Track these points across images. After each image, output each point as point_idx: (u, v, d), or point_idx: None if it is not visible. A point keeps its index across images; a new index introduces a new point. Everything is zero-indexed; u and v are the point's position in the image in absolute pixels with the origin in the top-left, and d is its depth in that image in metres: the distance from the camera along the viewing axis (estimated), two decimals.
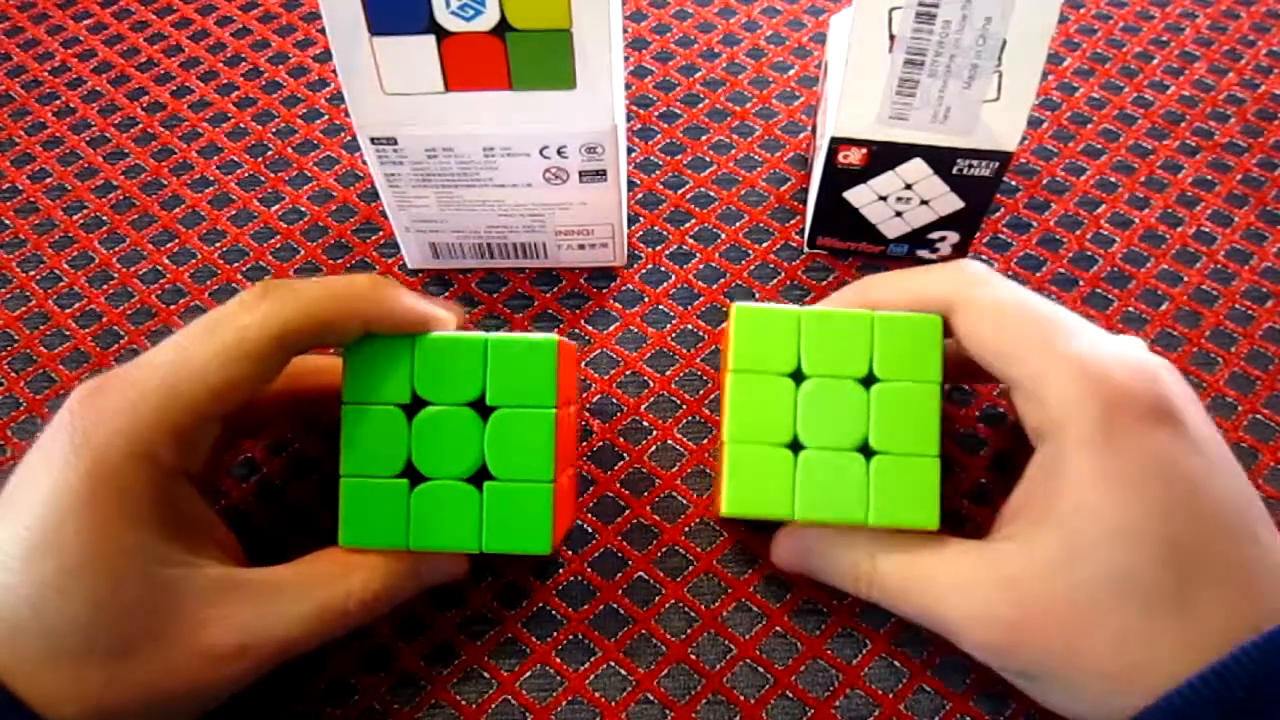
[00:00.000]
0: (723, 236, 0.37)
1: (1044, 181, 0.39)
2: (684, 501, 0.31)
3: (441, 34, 0.27)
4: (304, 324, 0.23)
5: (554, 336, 0.25)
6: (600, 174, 0.32)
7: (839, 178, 0.33)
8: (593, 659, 0.28)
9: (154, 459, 0.22)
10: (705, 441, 0.32)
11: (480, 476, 0.25)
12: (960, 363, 0.27)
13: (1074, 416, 0.23)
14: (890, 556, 0.25)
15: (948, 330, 0.26)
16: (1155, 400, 0.23)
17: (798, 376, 0.26)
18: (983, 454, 0.32)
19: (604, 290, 0.36)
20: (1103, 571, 0.22)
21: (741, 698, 0.28)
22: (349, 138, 0.40)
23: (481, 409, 0.25)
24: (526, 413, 0.25)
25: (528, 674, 0.28)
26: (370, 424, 0.25)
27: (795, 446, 0.26)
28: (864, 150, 0.32)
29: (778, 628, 0.29)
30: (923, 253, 0.36)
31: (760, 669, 0.28)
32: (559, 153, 0.31)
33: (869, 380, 0.26)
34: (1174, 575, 0.22)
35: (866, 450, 0.25)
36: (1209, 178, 0.39)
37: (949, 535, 0.25)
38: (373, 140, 0.30)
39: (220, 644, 0.22)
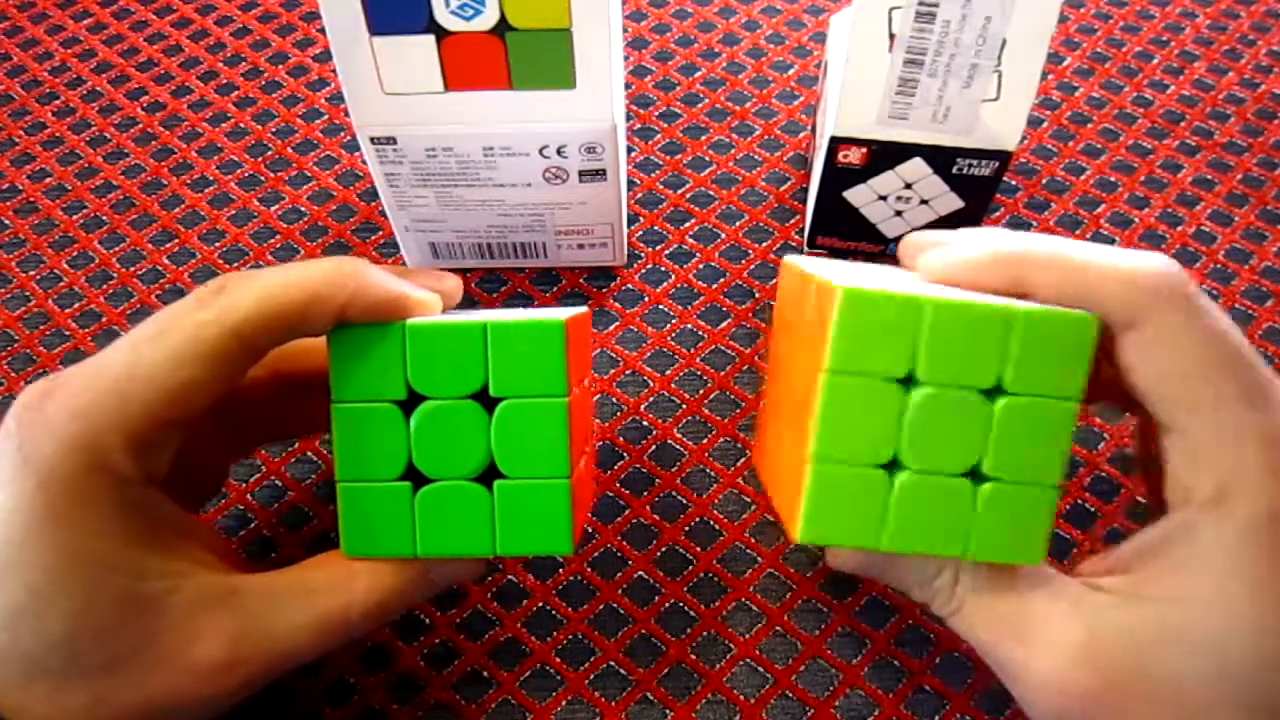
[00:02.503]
0: (723, 236, 0.37)
1: (1044, 181, 0.39)
2: (684, 501, 0.31)
3: (441, 34, 0.27)
4: (264, 319, 0.21)
5: (560, 318, 0.23)
6: (600, 173, 0.32)
7: (839, 177, 0.33)
8: (593, 659, 0.28)
9: (110, 469, 0.20)
10: (705, 441, 0.32)
11: (489, 475, 0.23)
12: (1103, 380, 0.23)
13: (1247, 496, 0.20)
14: (979, 578, 0.23)
15: (1104, 331, 0.21)
16: None
17: (907, 381, 0.21)
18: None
19: (604, 290, 0.36)
20: (1216, 666, 0.20)
21: (741, 698, 0.28)
22: (349, 137, 0.40)
23: (486, 401, 0.23)
24: (536, 403, 0.23)
25: (528, 674, 0.28)
26: (364, 424, 0.23)
27: (891, 465, 0.21)
28: (864, 150, 0.32)
29: (778, 628, 0.29)
30: None
31: (760, 669, 0.28)
32: (559, 152, 0.31)
33: (994, 390, 0.21)
34: None
35: (975, 474, 0.21)
36: (1209, 177, 0.39)
37: (1045, 568, 0.23)
38: (372, 140, 0.30)
39: (211, 657, 0.21)
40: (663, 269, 0.36)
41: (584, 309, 0.27)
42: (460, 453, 0.23)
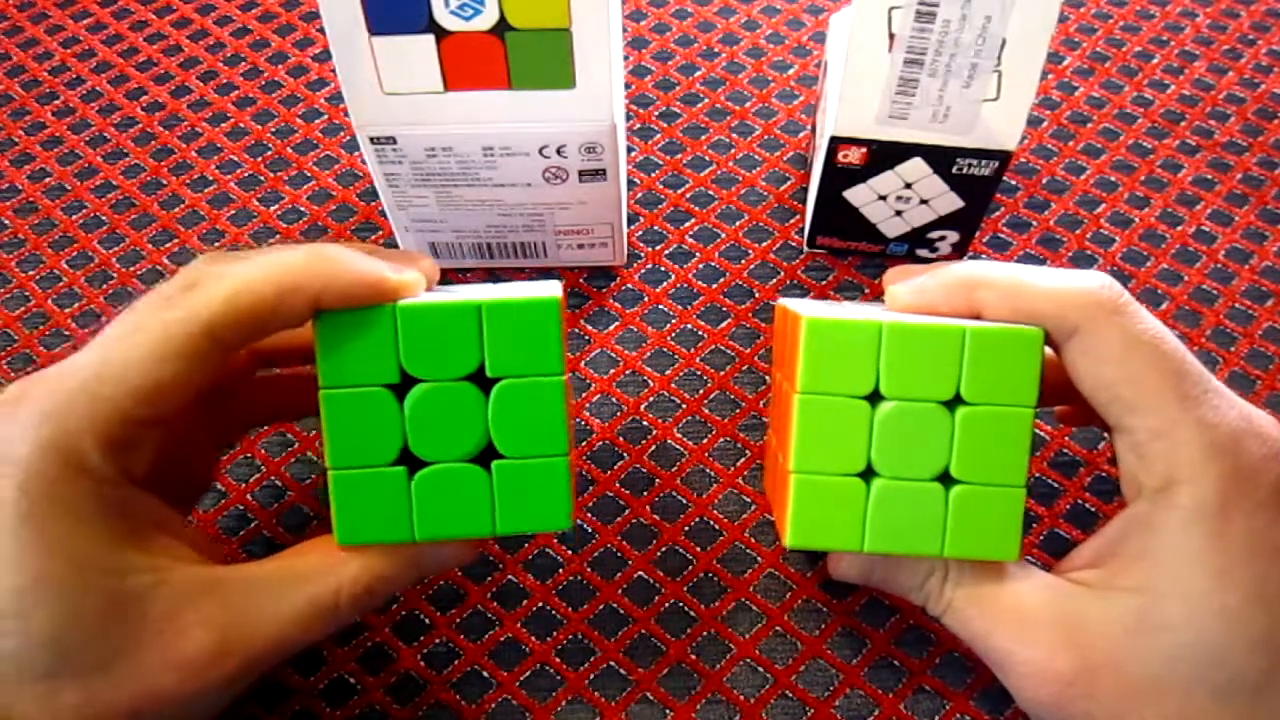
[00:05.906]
0: (722, 236, 0.37)
1: (1044, 181, 0.39)
2: (684, 501, 0.31)
3: (441, 33, 0.27)
4: (235, 314, 0.21)
5: (556, 294, 0.23)
6: (600, 173, 0.32)
7: (839, 177, 0.33)
8: (592, 659, 0.28)
9: (86, 469, 0.20)
10: (705, 441, 0.32)
11: (486, 455, 0.23)
12: (1053, 386, 0.24)
13: (1188, 484, 0.22)
14: (965, 577, 0.24)
15: (1049, 343, 0.23)
16: (1278, 482, 0.22)
17: (874, 397, 0.23)
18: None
19: (604, 290, 0.36)
20: (1181, 649, 0.21)
21: (741, 698, 0.28)
22: (348, 137, 0.40)
23: (482, 382, 0.23)
24: (533, 382, 0.23)
25: (528, 674, 0.28)
26: (355, 411, 0.22)
27: (867, 473, 0.23)
28: (864, 149, 0.32)
29: (778, 628, 0.29)
30: (923, 252, 0.36)
31: (760, 669, 0.28)
32: (558, 152, 0.31)
33: (954, 401, 0.23)
34: (1262, 664, 0.21)
35: (945, 478, 0.23)
36: (1209, 177, 0.39)
37: (1029, 565, 0.24)
38: (372, 140, 0.30)
39: (198, 650, 0.21)
40: (663, 269, 0.36)
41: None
42: (457, 435, 0.23)
